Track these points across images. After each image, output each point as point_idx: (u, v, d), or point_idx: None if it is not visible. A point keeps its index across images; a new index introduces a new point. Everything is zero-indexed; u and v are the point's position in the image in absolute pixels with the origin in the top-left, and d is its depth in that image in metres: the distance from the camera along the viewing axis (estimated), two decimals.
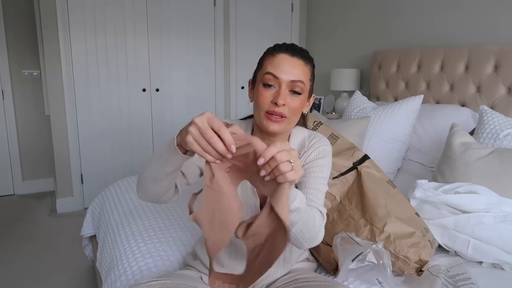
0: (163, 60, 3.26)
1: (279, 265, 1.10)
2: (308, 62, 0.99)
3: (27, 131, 3.46)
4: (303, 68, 0.97)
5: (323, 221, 0.96)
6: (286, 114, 0.96)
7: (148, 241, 1.42)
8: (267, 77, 0.96)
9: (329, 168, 1.06)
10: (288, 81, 0.95)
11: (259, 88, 0.97)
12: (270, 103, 0.95)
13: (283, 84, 0.95)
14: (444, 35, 2.41)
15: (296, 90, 0.96)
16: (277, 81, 0.95)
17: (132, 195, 1.88)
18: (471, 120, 2.01)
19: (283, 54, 0.97)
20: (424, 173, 1.89)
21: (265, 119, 0.96)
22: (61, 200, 3.08)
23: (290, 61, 0.96)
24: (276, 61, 0.96)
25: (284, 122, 0.97)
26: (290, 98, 0.96)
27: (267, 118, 0.96)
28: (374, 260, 1.10)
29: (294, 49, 0.98)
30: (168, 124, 3.36)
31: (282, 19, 3.65)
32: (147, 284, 0.96)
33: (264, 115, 0.96)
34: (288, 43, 1.01)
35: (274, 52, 0.98)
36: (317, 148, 1.05)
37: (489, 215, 1.31)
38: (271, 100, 0.95)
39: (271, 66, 0.96)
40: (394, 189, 1.36)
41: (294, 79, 0.95)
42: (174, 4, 3.21)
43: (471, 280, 1.10)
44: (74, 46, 2.92)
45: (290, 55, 0.96)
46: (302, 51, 1.00)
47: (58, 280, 2.13)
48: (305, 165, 1.03)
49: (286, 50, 0.97)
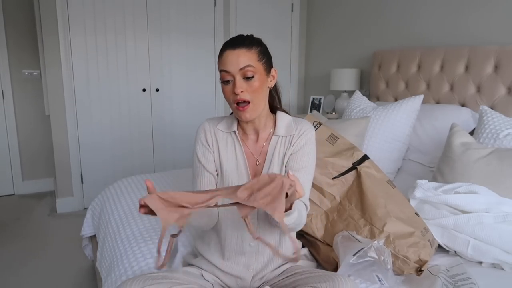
0: (163, 61, 3.26)
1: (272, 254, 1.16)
2: (251, 47, 1.07)
3: (27, 131, 3.46)
4: (247, 54, 1.05)
5: (307, 211, 1.13)
6: (249, 98, 1.05)
7: (148, 241, 1.42)
8: (222, 75, 1.07)
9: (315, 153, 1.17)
10: (237, 71, 1.04)
11: (222, 86, 1.09)
12: (233, 95, 1.06)
13: (236, 75, 1.05)
14: (444, 35, 2.41)
15: (247, 75, 1.05)
16: (230, 75, 1.05)
17: (132, 195, 1.88)
18: (471, 120, 2.01)
19: (227, 50, 1.06)
20: (424, 173, 1.89)
21: (236, 111, 1.08)
22: (61, 200, 3.08)
23: (233, 53, 1.05)
24: (223, 58, 1.06)
25: (250, 107, 1.06)
26: (246, 84, 1.05)
27: (237, 109, 1.07)
28: (375, 255, 1.10)
29: (235, 41, 1.07)
30: (168, 124, 3.37)
31: (282, 19, 3.65)
32: (148, 275, 1.00)
33: (235, 108, 1.07)
34: (232, 37, 1.10)
35: (221, 51, 1.08)
36: (306, 135, 1.15)
37: (489, 215, 1.31)
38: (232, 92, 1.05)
39: (221, 64, 1.07)
40: (393, 189, 1.36)
41: (242, 66, 1.04)
42: (174, 4, 3.21)
43: (471, 280, 1.10)
44: (74, 46, 2.93)
45: (233, 49, 1.05)
46: (244, 39, 1.08)
47: (58, 280, 2.13)
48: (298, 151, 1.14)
49: (229, 45, 1.06)
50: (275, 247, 1.14)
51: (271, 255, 1.15)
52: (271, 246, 0.77)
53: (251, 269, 1.13)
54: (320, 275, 1.01)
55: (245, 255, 1.13)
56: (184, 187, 1.85)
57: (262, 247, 1.14)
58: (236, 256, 1.13)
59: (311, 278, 1.02)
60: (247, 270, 1.13)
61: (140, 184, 2.04)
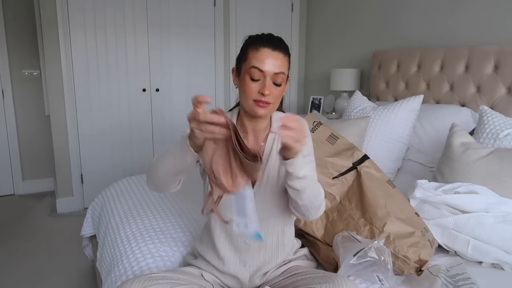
0: (163, 61, 3.26)
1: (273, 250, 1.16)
2: (286, 53, 1.08)
3: (27, 131, 3.46)
4: (283, 60, 1.06)
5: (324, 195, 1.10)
6: (271, 101, 1.05)
7: (148, 241, 1.42)
8: (253, 71, 1.03)
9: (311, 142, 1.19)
10: (272, 74, 1.04)
11: (246, 80, 1.05)
12: (257, 93, 1.04)
13: (268, 76, 1.03)
14: (444, 35, 2.41)
15: (277, 82, 1.05)
16: (262, 74, 1.03)
17: (132, 195, 1.88)
18: (471, 120, 2.01)
19: (266, 49, 1.04)
20: (424, 173, 1.88)
21: (254, 106, 1.06)
22: (61, 200, 3.08)
23: (273, 54, 1.04)
24: (260, 55, 1.04)
25: (270, 107, 1.07)
26: (274, 88, 1.05)
27: (256, 105, 1.05)
28: (375, 256, 1.10)
29: (275, 42, 1.06)
30: (168, 124, 3.37)
31: (282, 19, 3.65)
32: (148, 276, 1.01)
33: (253, 103, 1.06)
34: (267, 35, 1.08)
35: (258, 46, 1.05)
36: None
37: (489, 215, 1.31)
38: (258, 91, 1.04)
39: (256, 60, 1.03)
40: (393, 189, 1.36)
41: (277, 71, 1.04)
42: (174, 4, 3.21)
43: (471, 280, 1.10)
44: (74, 46, 2.93)
45: (272, 49, 1.04)
46: (281, 42, 1.08)
47: (58, 280, 2.13)
48: None
49: (268, 43, 1.05)
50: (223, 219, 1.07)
51: (270, 251, 1.15)
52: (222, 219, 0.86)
53: (248, 266, 1.13)
54: (321, 276, 1.01)
55: (241, 252, 1.13)
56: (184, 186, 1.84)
57: (259, 244, 1.14)
58: (231, 254, 1.13)
59: (311, 278, 1.02)
60: (244, 267, 1.13)
61: (140, 184, 2.04)
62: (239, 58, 1.10)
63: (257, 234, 0.90)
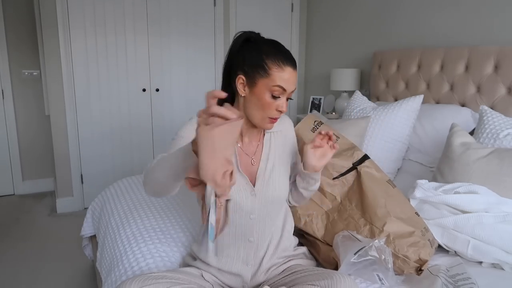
0: (163, 60, 3.26)
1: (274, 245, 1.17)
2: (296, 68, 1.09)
3: (27, 131, 3.46)
4: (296, 76, 1.08)
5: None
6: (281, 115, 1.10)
7: (148, 241, 1.42)
8: (278, 90, 1.04)
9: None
10: (290, 92, 1.07)
11: (265, 96, 1.04)
12: (275, 111, 1.06)
13: (287, 94, 1.07)
14: (444, 35, 2.41)
15: (291, 97, 1.09)
16: (284, 92, 1.05)
17: (132, 195, 1.88)
18: (471, 120, 2.01)
19: (289, 68, 1.04)
20: (424, 173, 1.89)
21: (267, 122, 1.08)
22: (61, 200, 3.08)
23: (293, 74, 1.05)
24: (285, 75, 1.03)
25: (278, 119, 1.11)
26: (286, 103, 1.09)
27: (270, 121, 1.08)
28: (376, 254, 1.10)
29: (293, 61, 1.07)
30: (168, 124, 3.37)
31: (282, 19, 3.65)
32: (148, 275, 1.01)
33: (268, 119, 1.07)
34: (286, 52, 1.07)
35: (282, 64, 1.03)
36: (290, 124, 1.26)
37: (489, 215, 1.31)
38: (276, 108, 1.06)
39: (281, 80, 1.03)
40: (394, 189, 1.36)
41: (293, 89, 1.07)
42: (174, 4, 3.21)
43: (471, 280, 1.10)
44: (74, 46, 2.93)
45: (293, 69, 1.05)
46: (293, 59, 1.08)
47: (58, 280, 2.13)
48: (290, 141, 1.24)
49: (290, 62, 1.05)
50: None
51: (272, 247, 1.16)
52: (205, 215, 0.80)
53: (250, 264, 1.13)
54: (319, 273, 1.02)
55: (244, 249, 1.13)
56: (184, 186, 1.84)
57: (262, 241, 1.14)
58: (233, 252, 1.13)
59: (310, 276, 1.02)
60: (246, 266, 1.13)
61: (140, 184, 2.04)
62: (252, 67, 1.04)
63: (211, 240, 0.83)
